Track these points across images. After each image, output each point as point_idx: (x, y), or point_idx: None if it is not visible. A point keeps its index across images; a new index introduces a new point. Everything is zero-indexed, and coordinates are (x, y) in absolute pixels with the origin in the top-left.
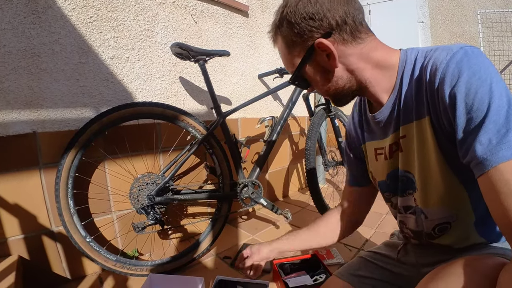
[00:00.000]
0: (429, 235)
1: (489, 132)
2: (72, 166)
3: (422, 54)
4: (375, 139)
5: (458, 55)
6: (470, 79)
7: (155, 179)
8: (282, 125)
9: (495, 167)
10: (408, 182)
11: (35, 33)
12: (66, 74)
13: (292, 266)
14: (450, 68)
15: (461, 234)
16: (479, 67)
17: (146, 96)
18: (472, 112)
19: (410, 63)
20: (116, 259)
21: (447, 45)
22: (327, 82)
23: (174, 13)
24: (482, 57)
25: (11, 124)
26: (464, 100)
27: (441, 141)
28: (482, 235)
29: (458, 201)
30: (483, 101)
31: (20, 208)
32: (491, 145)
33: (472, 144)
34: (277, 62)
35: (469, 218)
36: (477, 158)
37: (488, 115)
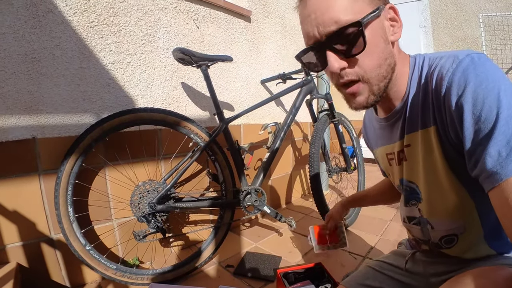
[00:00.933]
0: (436, 245)
1: (499, 144)
2: (72, 172)
3: (428, 61)
4: (384, 144)
5: (464, 63)
6: (477, 88)
7: (156, 186)
8: (286, 132)
9: (506, 181)
10: (412, 192)
11: (36, 38)
12: (66, 79)
13: (296, 275)
14: (456, 77)
15: (470, 246)
16: (486, 75)
17: (148, 101)
18: (480, 122)
19: (417, 70)
20: (116, 268)
21: (453, 52)
22: (384, 53)
23: (176, 18)
24: (489, 64)
25: (10, 129)
26: (472, 110)
27: (448, 151)
28: (493, 247)
29: (466, 213)
30: (491, 111)
31: (18, 214)
32: (501, 157)
33: (481, 156)
34: (279, 68)
35: (477, 230)
36: (487, 171)
37: (497, 126)
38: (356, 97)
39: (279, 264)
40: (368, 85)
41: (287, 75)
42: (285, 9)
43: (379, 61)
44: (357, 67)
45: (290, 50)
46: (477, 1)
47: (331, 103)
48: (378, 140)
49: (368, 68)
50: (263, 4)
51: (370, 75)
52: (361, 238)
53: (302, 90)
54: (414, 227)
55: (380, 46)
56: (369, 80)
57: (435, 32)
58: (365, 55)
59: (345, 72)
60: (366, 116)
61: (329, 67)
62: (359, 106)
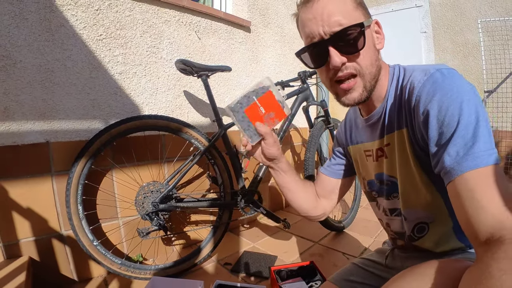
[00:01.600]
0: (410, 238)
1: (457, 145)
2: (82, 174)
3: (403, 72)
4: (363, 141)
5: (434, 76)
6: (442, 97)
7: (159, 187)
8: (282, 137)
9: (460, 176)
10: (393, 186)
11: (49, 50)
12: (77, 88)
13: (289, 272)
14: (425, 88)
15: (440, 237)
16: (452, 87)
17: (152, 109)
18: (443, 127)
19: (395, 79)
20: (121, 263)
21: (426, 66)
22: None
23: (179, 30)
24: (456, 78)
25: (26, 134)
26: (437, 116)
27: (417, 151)
28: (461, 240)
29: (435, 206)
30: (453, 118)
31: (32, 212)
32: (458, 156)
33: (442, 155)
34: (278, 76)
35: (446, 222)
36: (445, 168)
37: (457, 130)
38: (350, 93)
39: (275, 263)
40: (363, 80)
41: (284, 83)
42: (284, 19)
43: (371, 61)
44: (355, 63)
45: (289, 58)
46: (477, 6)
47: (327, 109)
48: (359, 137)
49: (364, 65)
50: (262, 14)
51: (366, 71)
52: (356, 240)
53: (298, 97)
54: (395, 219)
55: (372, 49)
56: (364, 75)
57: (436, 38)
58: (362, 53)
59: (345, 66)
60: (348, 115)
61: (332, 61)
62: (352, 101)
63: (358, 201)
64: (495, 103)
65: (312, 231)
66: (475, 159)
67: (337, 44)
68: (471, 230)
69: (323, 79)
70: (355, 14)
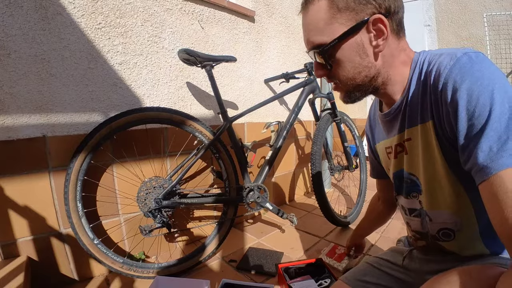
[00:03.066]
0: (434, 237)
1: (490, 139)
2: (81, 169)
3: (429, 57)
4: (384, 138)
5: (462, 61)
6: (472, 85)
7: (162, 183)
8: (288, 130)
9: (495, 175)
10: (413, 184)
11: (45, 39)
12: (75, 79)
13: (297, 270)
14: (453, 74)
15: (466, 243)
16: (482, 73)
17: (154, 101)
18: (473, 118)
19: (419, 66)
20: (123, 261)
21: (452, 49)
22: (359, 67)
23: (181, 19)
24: (486, 62)
25: (21, 128)
26: (466, 106)
27: (444, 145)
28: (487, 246)
29: (462, 208)
30: (484, 108)
31: (29, 210)
32: (492, 152)
33: (473, 151)
34: (283, 67)
35: (473, 227)
36: (478, 165)
37: (489, 122)
38: (339, 92)
39: (281, 260)
40: (343, 89)
41: (290, 75)
42: (289, 9)
43: (353, 74)
44: (333, 75)
45: (293, 49)
46: (481, 0)
47: (333, 102)
48: (380, 134)
49: (342, 79)
50: (266, 4)
51: (344, 83)
52: None
53: (304, 89)
54: (414, 220)
55: (354, 61)
56: (344, 87)
57: (440, 31)
58: (337, 69)
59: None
60: (370, 112)
61: (314, 72)
62: (341, 100)
63: (363, 195)
64: None
65: (317, 227)
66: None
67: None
68: (507, 233)
69: None
70: (329, 29)
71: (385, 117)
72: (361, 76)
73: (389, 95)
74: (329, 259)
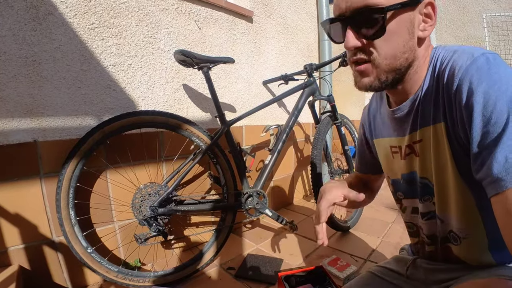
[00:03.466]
0: (444, 239)
1: (506, 149)
2: (73, 176)
3: (442, 54)
4: (390, 136)
5: (479, 62)
6: (489, 89)
7: (158, 189)
8: (288, 133)
9: (511, 189)
10: (426, 188)
11: (36, 40)
12: (67, 82)
13: (297, 278)
14: (468, 75)
15: (472, 252)
16: (500, 76)
17: (149, 104)
18: (489, 125)
19: (433, 62)
20: (118, 270)
21: (468, 48)
22: (405, 47)
23: (177, 19)
24: (504, 65)
25: (11, 132)
26: (482, 112)
27: (456, 150)
28: (496, 259)
29: (469, 216)
30: (501, 115)
31: (20, 217)
32: (508, 164)
33: (487, 160)
34: (281, 68)
35: (480, 237)
36: (491, 176)
37: (507, 130)
38: (363, 77)
39: (281, 267)
40: (376, 70)
41: (289, 76)
42: (287, 9)
43: (396, 52)
44: (372, 50)
45: (292, 50)
46: (480, 1)
47: (334, 104)
48: (384, 130)
49: (382, 55)
50: (265, 4)
51: (382, 61)
52: (363, 241)
53: (304, 91)
54: (428, 222)
55: (403, 38)
56: (379, 66)
57: (438, 32)
58: (383, 42)
59: (359, 51)
60: (372, 102)
61: (345, 43)
62: (362, 87)
63: None
64: None
65: None
66: None
67: (355, 24)
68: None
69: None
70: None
71: (395, 113)
72: (403, 58)
73: (405, 92)
74: (331, 267)
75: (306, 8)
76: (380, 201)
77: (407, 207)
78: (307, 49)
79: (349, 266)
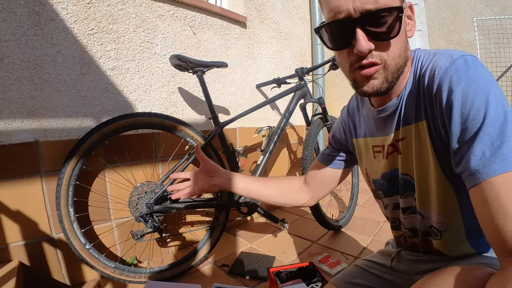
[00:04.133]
0: (425, 233)
1: (483, 144)
2: (73, 174)
3: (423, 56)
4: (373, 135)
5: (458, 63)
6: (467, 88)
7: (153, 187)
8: (279, 135)
9: (487, 180)
10: (407, 184)
11: (38, 44)
12: (67, 85)
13: (288, 274)
14: (448, 75)
15: (452, 243)
16: (478, 77)
17: (146, 106)
18: (467, 122)
19: (415, 64)
20: (115, 266)
21: (448, 51)
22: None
23: (173, 25)
24: (481, 67)
25: (13, 132)
26: (461, 109)
27: (437, 146)
28: (473, 246)
29: (449, 209)
30: (479, 112)
31: (21, 214)
32: (484, 157)
33: (466, 154)
34: (275, 72)
35: (459, 228)
36: (469, 170)
37: (483, 126)
38: (370, 80)
39: (273, 264)
40: (385, 71)
41: (281, 80)
42: (281, 15)
43: (400, 51)
44: (382, 51)
45: (285, 54)
46: (472, 5)
47: (324, 107)
48: (366, 130)
49: (392, 56)
50: (258, 10)
51: (392, 62)
52: (354, 239)
53: (295, 94)
54: (409, 217)
55: (404, 37)
56: (389, 67)
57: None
58: (393, 42)
59: (371, 54)
60: (350, 104)
61: (358, 46)
62: (371, 89)
63: (355, 199)
64: None
65: (309, 231)
66: (503, 162)
67: (367, 26)
68: (497, 239)
69: (342, 62)
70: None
71: (380, 113)
72: (404, 56)
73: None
74: (322, 264)
75: (300, 14)
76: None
77: (388, 205)
78: (300, 53)
79: (340, 263)
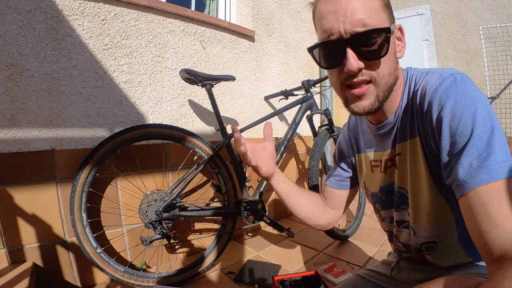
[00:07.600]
0: (417, 249)
1: (471, 156)
2: (86, 181)
3: (415, 76)
4: (372, 151)
5: (447, 81)
6: (456, 104)
7: (163, 196)
8: (286, 146)
9: (473, 190)
10: (402, 198)
11: (56, 59)
12: (83, 97)
13: (292, 282)
14: (438, 93)
15: (448, 253)
16: (466, 93)
17: (157, 117)
18: (456, 136)
19: (409, 83)
20: (124, 270)
21: (439, 69)
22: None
23: (183, 40)
24: (470, 84)
25: (31, 141)
26: (449, 124)
27: (430, 161)
28: (468, 254)
29: (444, 220)
30: (466, 126)
31: (37, 218)
32: (472, 168)
33: (455, 166)
34: (283, 84)
35: (454, 237)
36: (458, 180)
37: (471, 140)
38: (362, 100)
39: (278, 272)
40: (376, 89)
41: (288, 92)
42: (288, 28)
43: (390, 70)
44: (372, 70)
45: (293, 67)
46: (478, 13)
47: (330, 118)
48: (366, 146)
49: (382, 74)
50: (266, 24)
51: (382, 80)
52: (360, 249)
53: (302, 106)
54: (403, 231)
55: (393, 57)
56: (379, 84)
57: (438, 45)
58: (383, 61)
59: (361, 73)
60: (350, 122)
61: (348, 65)
62: (361, 109)
63: (362, 209)
64: (499, 109)
65: (316, 240)
66: (489, 172)
67: (357, 46)
68: (484, 246)
69: (333, 81)
70: (382, 16)
71: (379, 130)
72: (394, 75)
73: (383, 111)
74: (326, 273)
75: (307, 27)
76: None
77: (385, 217)
78: (307, 65)
79: (345, 272)
